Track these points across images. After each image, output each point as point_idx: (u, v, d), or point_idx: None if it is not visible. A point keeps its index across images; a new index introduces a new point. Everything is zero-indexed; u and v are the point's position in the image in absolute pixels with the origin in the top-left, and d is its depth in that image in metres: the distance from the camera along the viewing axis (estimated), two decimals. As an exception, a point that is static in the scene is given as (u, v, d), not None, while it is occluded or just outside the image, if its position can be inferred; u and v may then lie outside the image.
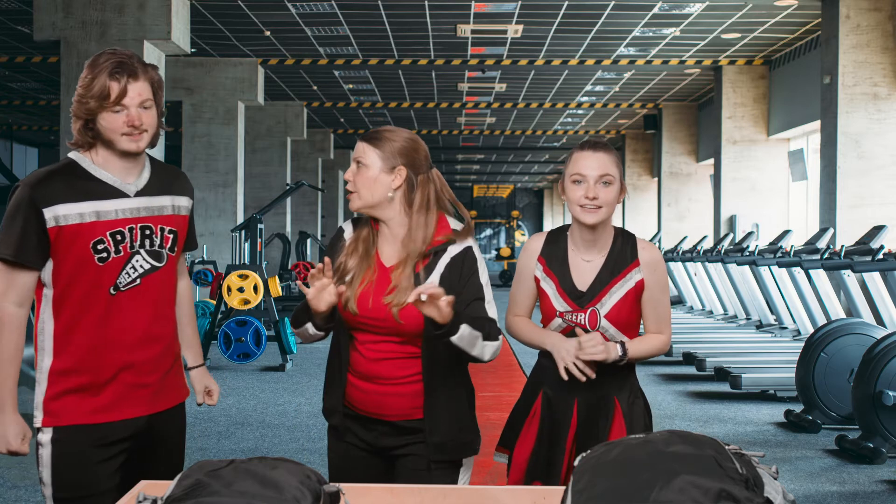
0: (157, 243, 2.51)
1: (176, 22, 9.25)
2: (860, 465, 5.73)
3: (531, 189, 41.73)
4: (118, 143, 2.42)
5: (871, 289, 7.33)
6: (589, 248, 2.71)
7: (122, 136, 2.41)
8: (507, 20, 11.70)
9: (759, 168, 13.94)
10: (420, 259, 2.51)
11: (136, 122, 2.40)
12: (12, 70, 15.05)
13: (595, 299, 2.66)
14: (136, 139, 2.42)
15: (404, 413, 2.55)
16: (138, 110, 2.41)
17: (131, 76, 2.39)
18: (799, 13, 11.24)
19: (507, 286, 27.60)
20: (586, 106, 18.36)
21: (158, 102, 2.48)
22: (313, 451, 6.02)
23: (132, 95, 2.39)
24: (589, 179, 2.63)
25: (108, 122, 2.39)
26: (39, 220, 2.37)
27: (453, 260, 2.53)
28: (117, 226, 2.44)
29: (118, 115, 2.39)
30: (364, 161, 2.53)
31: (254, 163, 16.60)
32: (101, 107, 2.38)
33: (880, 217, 9.28)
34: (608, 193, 2.63)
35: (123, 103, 2.38)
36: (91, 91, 2.37)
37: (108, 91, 2.37)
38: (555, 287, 2.70)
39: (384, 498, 2.02)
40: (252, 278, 9.75)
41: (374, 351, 2.54)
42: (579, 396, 2.67)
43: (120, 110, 2.39)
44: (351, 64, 14.24)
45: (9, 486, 5.07)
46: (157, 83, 2.47)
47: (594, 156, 2.64)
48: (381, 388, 2.54)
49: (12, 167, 22.46)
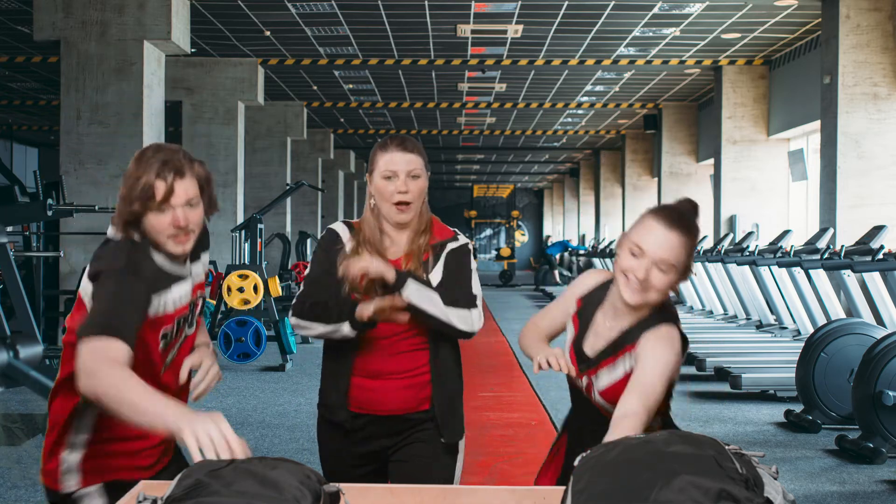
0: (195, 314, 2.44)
1: (176, 22, 9.24)
2: (860, 465, 5.73)
3: (531, 189, 41.71)
4: (164, 246, 2.27)
5: (871, 289, 7.33)
6: (617, 317, 2.40)
7: (168, 238, 2.26)
8: (507, 20, 11.70)
9: (759, 168, 13.94)
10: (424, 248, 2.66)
11: (182, 223, 2.24)
12: (12, 70, 15.05)
13: (593, 370, 2.42)
14: (181, 241, 2.27)
15: (410, 406, 2.65)
16: (184, 210, 2.25)
17: (177, 173, 2.24)
18: (799, 13, 11.24)
19: (507, 286, 27.58)
20: (586, 106, 18.36)
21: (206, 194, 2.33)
22: (313, 451, 6.02)
23: (178, 194, 2.23)
24: (647, 255, 2.26)
25: (151, 224, 2.25)
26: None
27: (454, 251, 2.69)
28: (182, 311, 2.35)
29: (161, 218, 2.24)
30: (417, 172, 2.63)
31: (254, 163, 16.60)
32: (147, 208, 2.23)
33: (880, 217, 9.28)
34: (663, 280, 2.28)
35: (170, 203, 2.23)
36: (135, 191, 2.22)
37: (154, 192, 2.22)
38: (571, 339, 2.50)
39: (384, 498, 2.02)
40: (252, 278, 9.75)
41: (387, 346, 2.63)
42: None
43: (166, 209, 2.23)
44: (351, 64, 14.24)
45: (9, 486, 5.07)
46: (204, 179, 2.31)
47: (665, 234, 2.25)
48: (388, 384, 2.63)
49: (12, 167, 22.44)
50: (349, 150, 24.59)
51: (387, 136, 2.73)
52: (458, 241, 2.72)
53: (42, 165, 23.52)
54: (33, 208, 7.89)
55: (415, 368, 2.64)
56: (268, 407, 7.57)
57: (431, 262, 2.65)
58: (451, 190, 39.26)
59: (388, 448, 2.69)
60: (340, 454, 2.70)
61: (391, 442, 2.68)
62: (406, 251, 2.67)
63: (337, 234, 2.72)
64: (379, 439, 2.67)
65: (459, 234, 2.75)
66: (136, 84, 9.17)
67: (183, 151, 2.30)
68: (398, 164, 2.61)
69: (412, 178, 2.62)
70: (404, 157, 2.62)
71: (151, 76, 9.36)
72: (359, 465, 2.70)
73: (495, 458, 5.74)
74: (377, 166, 2.64)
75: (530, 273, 34.27)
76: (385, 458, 2.71)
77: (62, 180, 9.07)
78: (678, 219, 2.27)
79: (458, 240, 2.73)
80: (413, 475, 2.63)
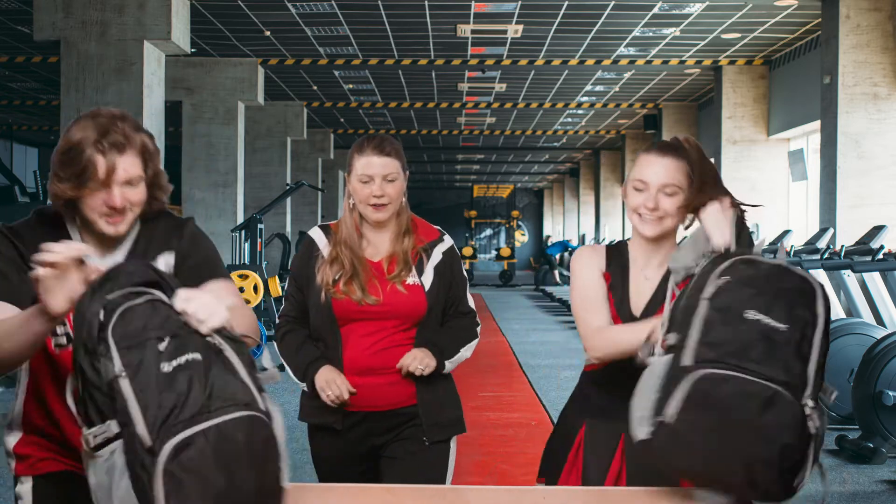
0: None
1: (176, 22, 9.24)
2: (860, 465, 5.73)
3: (531, 189, 41.71)
4: (96, 225, 2.03)
5: (871, 289, 7.32)
6: (648, 262, 2.45)
7: (100, 216, 2.02)
8: (507, 20, 11.70)
9: (759, 168, 13.94)
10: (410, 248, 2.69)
11: (118, 204, 2.00)
12: (12, 70, 15.05)
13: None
14: (114, 222, 2.03)
15: (400, 401, 2.66)
16: (122, 189, 2.00)
17: (116, 148, 1.97)
18: (799, 13, 11.24)
19: (507, 286, 27.57)
20: (586, 106, 18.36)
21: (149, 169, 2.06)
22: (313, 451, 6.02)
23: (120, 173, 1.98)
24: (651, 188, 2.38)
25: (87, 205, 2.01)
26: None
27: (444, 255, 2.73)
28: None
29: (98, 197, 2.00)
30: (392, 175, 2.65)
31: (254, 163, 16.60)
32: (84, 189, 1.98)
33: (880, 217, 9.28)
34: (672, 204, 2.37)
35: (108, 184, 1.98)
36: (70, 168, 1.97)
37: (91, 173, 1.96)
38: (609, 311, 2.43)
39: (384, 498, 2.02)
40: (252, 278, 9.75)
41: (371, 345, 2.63)
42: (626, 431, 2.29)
43: (101, 191, 1.99)
44: (351, 64, 14.24)
45: (9, 486, 5.07)
46: (148, 150, 2.05)
47: (660, 161, 2.39)
48: (377, 380, 2.63)
49: (12, 167, 22.42)
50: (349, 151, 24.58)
51: (364, 137, 2.75)
52: (444, 241, 2.76)
53: (42, 165, 23.52)
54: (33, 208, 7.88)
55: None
56: (268, 407, 7.56)
57: (423, 263, 2.69)
58: (451, 190, 39.27)
59: (381, 446, 2.70)
60: (335, 457, 2.72)
61: (383, 439, 2.69)
62: (389, 253, 2.69)
63: (313, 241, 2.73)
64: (371, 436, 2.68)
65: (444, 234, 2.79)
66: (136, 84, 9.17)
67: (125, 118, 2.04)
68: (374, 168, 2.63)
69: (388, 181, 2.64)
70: (380, 160, 2.64)
71: (151, 76, 9.36)
72: (354, 465, 2.70)
73: (495, 458, 5.74)
74: (354, 168, 2.67)
75: (530, 273, 34.26)
76: (376, 456, 2.72)
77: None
78: (668, 146, 2.40)
79: (444, 241, 2.77)
80: (403, 472, 2.63)
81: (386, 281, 2.65)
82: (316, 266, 2.67)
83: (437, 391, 2.70)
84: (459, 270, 2.76)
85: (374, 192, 2.62)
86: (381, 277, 2.65)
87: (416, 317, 2.65)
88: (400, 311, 2.63)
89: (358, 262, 2.64)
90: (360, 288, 2.61)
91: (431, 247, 2.72)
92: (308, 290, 2.69)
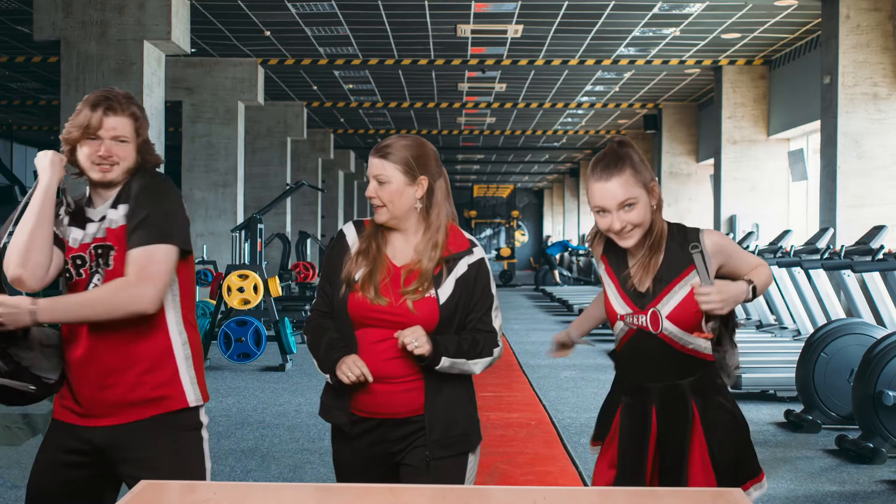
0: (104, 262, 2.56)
1: (176, 22, 9.24)
2: (860, 465, 5.73)
3: (531, 189, 41.71)
4: (88, 171, 2.56)
5: (871, 289, 7.32)
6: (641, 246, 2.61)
7: (93, 165, 2.54)
8: (507, 20, 11.70)
9: (759, 168, 13.94)
10: (435, 263, 2.62)
11: (105, 154, 2.52)
12: (12, 70, 15.04)
13: (656, 299, 2.55)
14: (104, 170, 2.54)
15: (413, 409, 2.61)
16: (111, 143, 2.52)
17: (109, 110, 2.52)
18: (799, 13, 11.24)
19: (507, 286, 27.57)
20: (586, 106, 18.36)
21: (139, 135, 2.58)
22: (313, 451, 6.02)
23: (108, 128, 2.52)
24: (611, 210, 2.52)
25: (83, 152, 2.55)
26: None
27: (470, 268, 2.64)
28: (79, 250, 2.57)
29: (91, 146, 2.53)
30: (383, 178, 2.62)
31: (254, 163, 16.60)
32: (81, 136, 2.53)
33: (880, 217, 9.28)
34: (635, 215, 2.52)
35: (98, 135, 2.52)
36: (75, 121, 2.54)
37: (88, 123, 2.52)
38: (615, 288, 2.62)
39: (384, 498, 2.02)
40: (252, 278, 9.74)
41: (383, 350, 2.59)
42: (657, 402, 2.58)
43: (94, 140, 2.52)
44: (351, 64, 14.24)
45: (9, 486, 5.07)
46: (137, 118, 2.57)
47: (605, 186, 2.52)
48: (390, 388, 2.59)
49: (12, 167, 22.43)
50: (349, 150, 24.58)
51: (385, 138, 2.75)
52: (472, 254, 2.66)
53: (42, 165, 23.48)
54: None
55: (414, 372, 2.60)
56: (268, 407, 7.57)
57: (443, 274, 2.61)
58: (452, 190, 39.13)
59: (396, 453, 2.64)
60: (349, 459, 2.68)
61: (398, 447, 2.63)
62: (409, 261, 2.64)
63: (344, 236, 2.73)
64: (385, 443, 2.63)
65: (476, 245, 2.69)
66: (136, 84, 9.17)
67: (125, 94, 2.59)
68: (370, 169, 2.66)
69: (380, 183, 2.62)
70: (373, 162, 2.64)
71: (151, 76, 9.36)
72: (368, 469, 2.66)
73: (495, 458, 5.74)
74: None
75: (530, 273, 34.27)
76: (394, 462, 2.66)
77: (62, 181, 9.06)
78: (606, 167, 2.55)
79: (474, 253, 2.66)
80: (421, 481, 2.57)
81: (396, 288, 2.60)
82: (343, 260, 2.66)
83: (447, 401, 2.61)
84: (485, 286, 2.65)
85: (369, 194, 2.65)
86: (396, 284, 2.61)
87: (427, 329, 2.57)
88: (410, 321, 2.57)
89: (379, 259, 2.63)
90: (374, 288, 2.59)
91: (457, 258, 2.63)
92: (334, 283, 2.66)
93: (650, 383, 2.59)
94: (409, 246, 2.66)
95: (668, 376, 2.57)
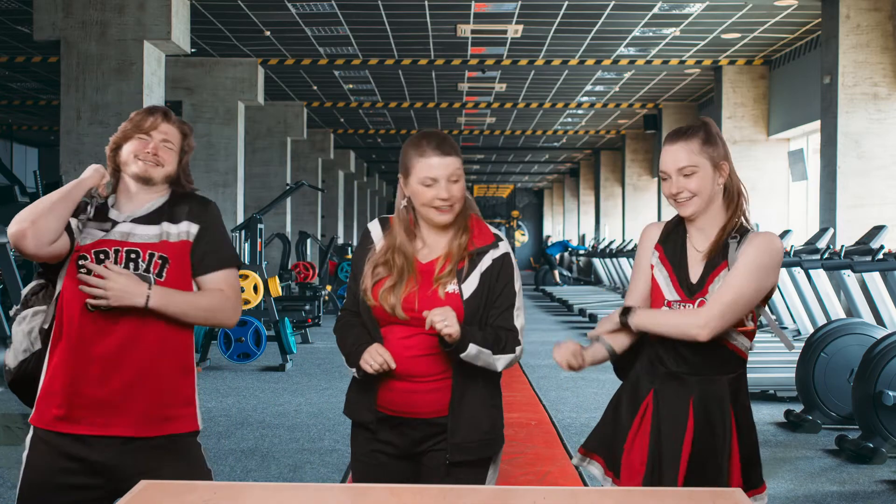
0: (143, 269, 2.54)
1: (176, 22, 9.24)
2: (860, 465, 5.73)
3: (531, 189, 41.71)
4: (129, 166, 2.61)
5: (871, 289, 7.33)
6: (700, 231, 2.63)
7: (136, 157, 2.60)
8: (507, 20, 11.70)
9: (759, 168, 13.94)
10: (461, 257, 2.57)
11: (151, 149, 2.60)
12: (12, 70, 15.05)
13: (703, 289, 2.56)
14: (147, 165, 2.60)
15: (437, 410, 2.56)
16: (159, 143, 2.63)
17: (165, 116, 2.66)
18: (799, 13, 11.24)
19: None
20: (586, 106, 18.36)
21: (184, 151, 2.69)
22: (313, 450, 6.02)
23: (160, 130, 2.64)
24: (671, 175, 2.59)
25: (130, 146, 2.62)
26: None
27: (494, 262, 2.59)
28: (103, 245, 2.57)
29: (140, 142, 2.62)
30: (455, 175, 2.55)
31: (254, 163, 16.60)
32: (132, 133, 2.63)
33: (880, 217, 9.28)
34: (693, 183, 2.57)
35: (150, 134, 2.62)
36: (129, 124, 2.66)
37: (142, 122, 2.64)
38: (668, 277, 2.62)
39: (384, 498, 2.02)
40: (252, 278, 9.75)
41: (409, 348, 2.54)
42: (695, 395, 2.56)
43: (144, 138, 2.62)
44: (351, 64, 14.24)
45: (9, 486, 5.07)
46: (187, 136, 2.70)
47: (670, 149, 2.60)
48: (415, 386, 2.55)
49: (12, 167, 22.42)
50: (349, 150, 24.58)
51: (419, 136, 2.58)
52: (498, 248, 2.60)
53: (42, 165, 23.52)
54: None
55: (440, 372, 2.56)
56: (268, 407, 7.57)
57: (466, 269, 2.55)
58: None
59: (420, 453, 2.61)
60: (371, 456, 2.63)
61: (421, 448, 2.60)
62: (443, 253, 2.58)
63: (369, 234, 2.66)
64: (407, 442, 2.60)
65: (501, 239, 2.63)
66: (136, 84, 9.17)
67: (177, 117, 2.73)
68: (438, 171, 2.51)
69: (453, 182, 2.53)
70: (443, 161, 2.51)
71: (151, 76, 9.36)
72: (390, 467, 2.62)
73: (495, 458, 5.74)
74: (414, 171, 2.53)
75: (530, 273, 34.28)
76: (418, 461, 2.63)
77: (62, 180, 9.07)
78: (676, 134, 2.61)
79: (499, 247, 2.60)
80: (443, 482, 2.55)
81: (427, 286, 2.54)
82: (366, 258, 2.61)
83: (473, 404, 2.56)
84: (510, 282, 2.58)
85: (440, 196, 2.51)
86: (424, 283, 2.55)
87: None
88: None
89: (408, 268, 2.56)
90: (397, 299, 2.53)
91: (483, 252, 2.57)
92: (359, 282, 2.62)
93: (689, 375, 2.57)
94: (442, 238, 2.60)
95: (708, 370, 2.56)
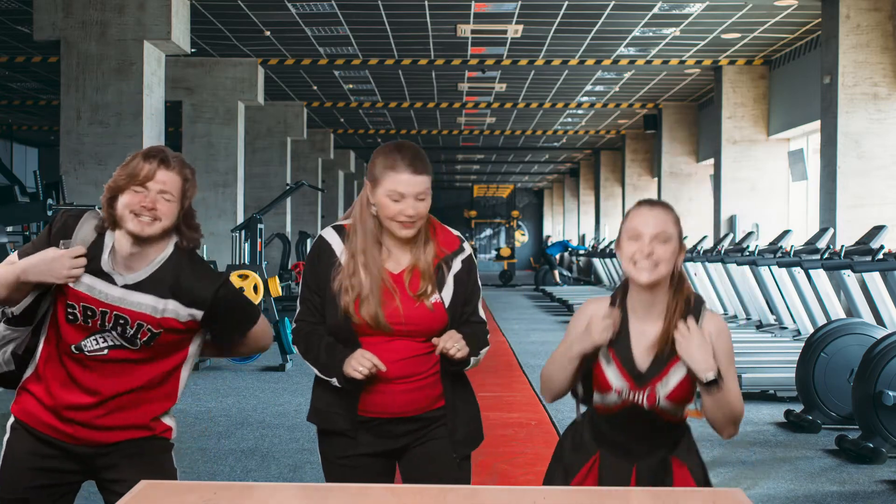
0: (131, 334, 2.50)
1: (176, 22, 9.24)
2: (860, 465, 5.73)
3: (531, 189, 41.70)
4: (125, 221, 2.44)
5: (871, 289, 7.33)
6: (647, 313, 2.53)
7: (131, 213, 2.43)
8: (507, 20, 11.70)
9: (759, 168, 13.94)
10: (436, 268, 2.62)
11: (148, 204, 2.42)
12: (12, 70, 15.05)
13: (656, 378, 2.50)
14: (143, 223, 2.43)
15: (421, 407, 2.61)
16: (157, 196, 2.43)
17: (163, 163, 2.44)
18: (799, 13, 11.24)
19: (507, 286, 27.57)
20: (586, 106, 18.36)
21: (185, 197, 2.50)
22: (314, 451, 6.02)
23: (157, 180, 2.43)
24: (644, 236, 2.50)
25: (125, 199, 2.44)
26: None
27: (463, 264, 2.66)
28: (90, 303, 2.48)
29: (136, 195, 2.43)
30: (422, 195, 2.55)
31: (254, 163, 16.60)
32: (127, 184, 2.44)
33: (880, 217, 9.28)
34: (667, 251, 2.49)
35: (147, 186, 2.43)
36: (124, 170, 2.45)
37: (137, 171, 2.43)
38: (615, 366, 2.52)
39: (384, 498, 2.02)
40: (252, 278, 9.74)
41: (390, 352, 2.56)
42: (638, 463, 2.55)
43: (140, 191, 2.43)
44: (351, 64, 14.24)
45: (9, 486, 5.07)
46: (188, 180, 2.50)
47: (650, 212, 2.53)
48: (399, 387, 2.58)
49: (12, 167, 22.43)
50: (349, 150, 24.59)
51: (393, 148, 2.57)
52: (463, 251, 2.68)
53: (42, 165, 23.52)
54: (33, 208, 7.89)
55: (422, 372, 2.59)
56: (268, 407, 7.57)
57: (444, 276, 2.61)
58: (451, 190, 39.26)
59: (398, 449, 2.63)
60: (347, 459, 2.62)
61: (401, 442, 2.62)
62: (410, 264, 2.59)
63: (328, 244, 2.62)
64: (387, 440, 2.61)
65: (464, 241, 2.71)
66: (136, 84, 9.18)
67: (179, 155, 2.52)
68: (406, 188, 2.51)
69: (420, 200, 2.54)
70: (413, 179, 2.52)
71: (151, 76, 9.36)
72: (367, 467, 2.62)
73: (495, 458, 5.74)
74: (383, 183, 2.53)
75: (530, 273, 34.27)
76: (394, 458, 2.65)
77: (62, 180, 9.07)
78: (657, 202, 2.58)
79: (465, 249, 2.69)
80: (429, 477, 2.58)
81: (406, 295, 2.56)
82: (332, 271, 2.57)
83: (462, 400, 2.67)
84: (475, 279, 2.69)
85: (405, 212, 2.52)
86: (401, 293, 2.56)
87: (435, 332, 2.58)
88: (420, 329, 2.57)
89: (380, 276, 2.56)
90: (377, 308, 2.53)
91: (452, 258, 2.63)
92: (324, 294, 2.58)
93: (635, 446, 2.55)
94: (405, 249, 2.61)
95: (654, 443, 2.55)
